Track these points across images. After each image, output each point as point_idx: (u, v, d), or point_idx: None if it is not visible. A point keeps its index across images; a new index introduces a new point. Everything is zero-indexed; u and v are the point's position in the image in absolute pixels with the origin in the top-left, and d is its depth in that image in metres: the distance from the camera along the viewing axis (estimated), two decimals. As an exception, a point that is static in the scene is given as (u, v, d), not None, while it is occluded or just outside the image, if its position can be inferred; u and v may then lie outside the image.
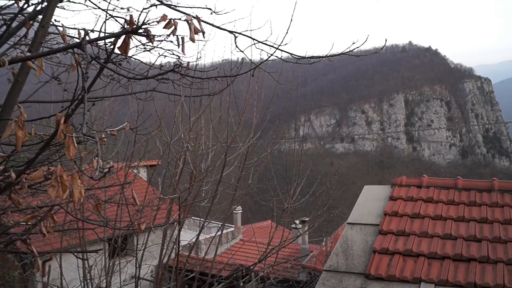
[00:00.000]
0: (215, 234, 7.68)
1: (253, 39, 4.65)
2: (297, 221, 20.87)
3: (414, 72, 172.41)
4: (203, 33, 3.50)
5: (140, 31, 3.53)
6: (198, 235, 7.05)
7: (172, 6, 4.29)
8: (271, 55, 4.26)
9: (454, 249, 5.16)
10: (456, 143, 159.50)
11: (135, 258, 7.58)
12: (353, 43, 4.77)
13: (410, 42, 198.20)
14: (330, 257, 5.66)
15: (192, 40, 3.42)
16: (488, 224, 5.57)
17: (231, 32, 4.57)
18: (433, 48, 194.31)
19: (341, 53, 4.88)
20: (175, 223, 7.38)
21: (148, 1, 4.28)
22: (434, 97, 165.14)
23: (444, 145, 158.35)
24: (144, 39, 3.78)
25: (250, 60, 5.18)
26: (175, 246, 6.95)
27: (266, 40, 4.65)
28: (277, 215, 7.48)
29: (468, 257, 5.03)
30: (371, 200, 6.52)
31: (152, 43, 3.82)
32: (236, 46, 4.72)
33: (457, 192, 6.30)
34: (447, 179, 6.62)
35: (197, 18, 3.54)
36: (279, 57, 4.96)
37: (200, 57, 7.14)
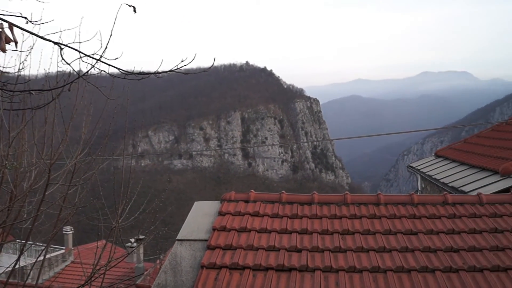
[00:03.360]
0: (37, 258, 7.16)
1: (79, 51, 4.48)
2: (133, 240, 20.40)
3: (250, 91, 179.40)
4: (16, 42, 3.28)
5: None
6: (18, 259, 6.52)
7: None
8: (92, 66, 4.13)
9: (277, 260, 5.40)
10: (288, 159, 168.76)
11: None
12: (182, 61, 4.80)
13: (247, 62, 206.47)
14: (158, 275, 5.60)
15: (3, 50, 3.19)
16: (308, 235, 5.92)
17: (56, 43, 4.34)
18: (268, 68, 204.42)
19: (170, 70, 4.89)
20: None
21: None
22: (268, 115, 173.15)
23: (277, 161, 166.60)
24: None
25: (77, 73, 4.97)
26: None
27: (94, 54, 4.50)
28: (105, 234, 7.22)
29: (290, 266, 5.29)
30: (201, 216, 6.57)
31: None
32: (62, 58, 4.50)
33: (281, 206, 6.62)
34: (272, 193, 6.92)
35: (10, 25, 3.30)
36: (107, 71, 4.82)
37: (23, 68, 6.65)
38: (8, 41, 3.16)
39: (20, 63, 6.92)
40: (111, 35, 4.11)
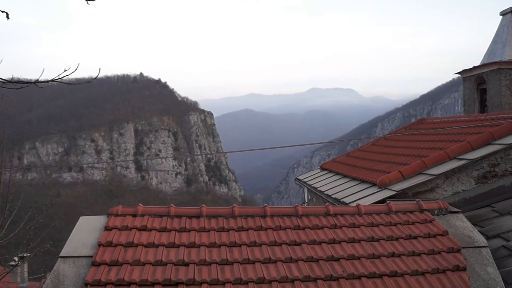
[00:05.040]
0: None
1: None
2: (16, 258, 19.24)
3: (144, 102, 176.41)
4: None
5: None
6: None
7: None
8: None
9: (164, 275, 5.36)
10: (182, 172, 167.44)
11: None
12: (65, 70, 4.68)
13: (141, 74, 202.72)
14: (39, 295, 5.36)
15: None
16: (195, 248, 5.94)
17: None
18: (163, 81, 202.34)
19: (52, 80, 4.74)
20: None
21: None
22: (162, 127, 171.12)
23: (171, 174, 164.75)
24: None
25: None
26: None
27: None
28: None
29: (176, 281, 5.28)
30: (86, 231, 6.37)
31: None
32: None
33: (169, 219, 6.58)
34: (161, 207, 6.86)
35: None
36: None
37: None
38: None
39: None
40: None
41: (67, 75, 4.49)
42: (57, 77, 4.56)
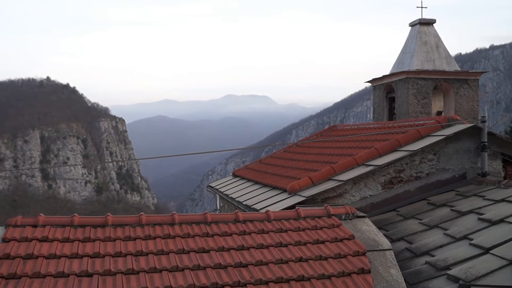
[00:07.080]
0: None
1: None
2: None
3: (51, 108, 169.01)
4: None
5: None
6: None
7: None
8: None
9: (66, 287, 5.13)
10: (92, 180, 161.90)
11: None
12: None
13: (48, 78, 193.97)
14: None
15: None
16: (100, 258, 5.73)
17: None
18: (71, 85, 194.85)
19: None
20: None
21: None
22: (71, 134, 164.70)
23: (80, 182, 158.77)
24: None
25: None
26: None
27: None
28: None
29: (79, 293, 5.07)
30: (-19, 244, 5.98)
31: None
32: None
33: (73, 229, 6.31)
34: (63, 217, 6.56)
35: None
36: None
37: None
38: None
39: None
40: None
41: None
42: None
